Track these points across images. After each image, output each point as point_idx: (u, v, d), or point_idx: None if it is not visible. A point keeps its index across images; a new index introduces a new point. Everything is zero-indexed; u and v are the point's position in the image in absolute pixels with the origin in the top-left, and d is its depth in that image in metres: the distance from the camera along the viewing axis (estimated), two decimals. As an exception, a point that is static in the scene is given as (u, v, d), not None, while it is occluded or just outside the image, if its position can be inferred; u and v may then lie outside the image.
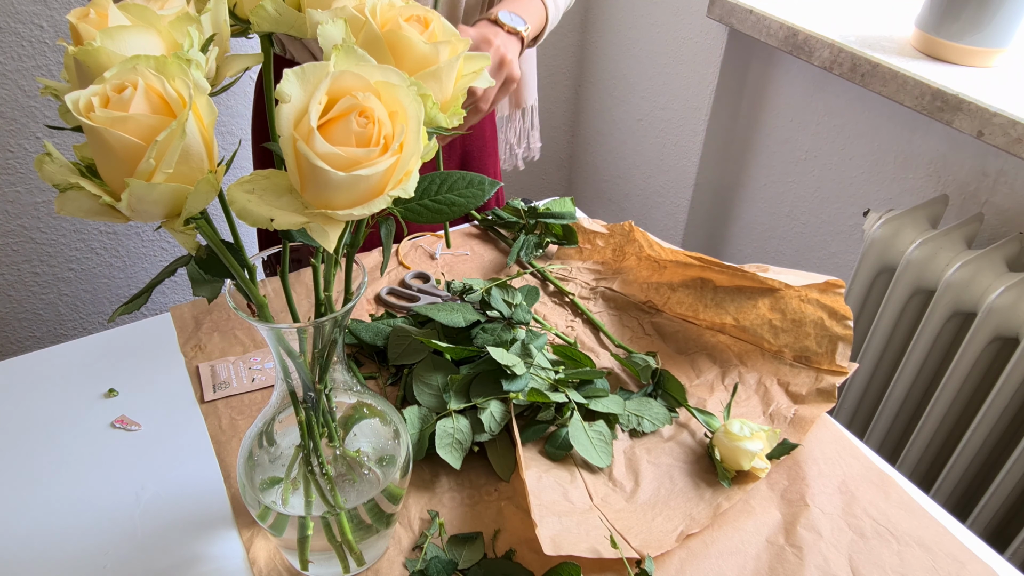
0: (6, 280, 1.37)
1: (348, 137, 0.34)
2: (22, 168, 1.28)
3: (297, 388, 0.46)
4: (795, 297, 0.73)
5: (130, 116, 0.32)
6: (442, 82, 0.40)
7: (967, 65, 1.03)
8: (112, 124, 0.32)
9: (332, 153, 0.33)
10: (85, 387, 0.69)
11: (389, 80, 0.35)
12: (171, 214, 0.35)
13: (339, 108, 0.34)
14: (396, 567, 0.55)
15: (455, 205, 0.45)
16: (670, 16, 1.51)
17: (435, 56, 0.39)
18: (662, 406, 0.68)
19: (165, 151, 0.32)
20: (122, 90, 0.33)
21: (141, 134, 0.32)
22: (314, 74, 0.34)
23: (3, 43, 1.18)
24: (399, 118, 0.35)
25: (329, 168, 0.33)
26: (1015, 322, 0.92)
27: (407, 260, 0.87)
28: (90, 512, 0.59)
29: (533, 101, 1.13)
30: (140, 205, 0.33)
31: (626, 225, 0.83)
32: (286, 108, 0.33)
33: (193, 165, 0.34)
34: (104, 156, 0.33)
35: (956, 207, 1.11)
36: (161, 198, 0.33)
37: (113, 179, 0.34)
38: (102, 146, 0.33)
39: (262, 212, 0.34)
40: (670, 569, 0.55)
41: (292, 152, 0.34)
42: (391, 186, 0.35)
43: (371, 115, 0.34)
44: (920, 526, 0.59)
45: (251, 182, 0.34)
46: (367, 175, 0.33)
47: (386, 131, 0.34)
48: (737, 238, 1.58)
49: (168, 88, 0.33)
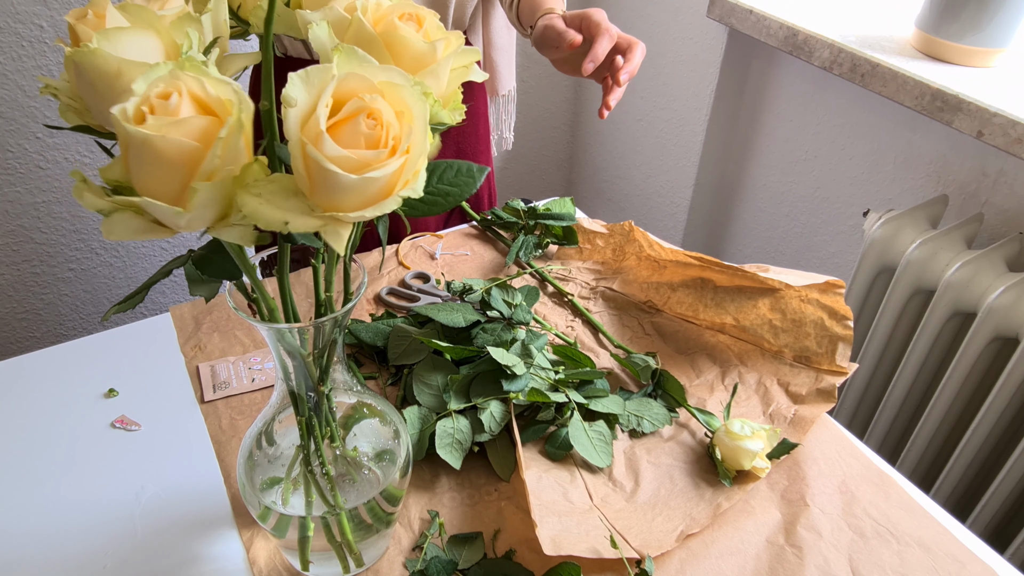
0: (6, 280, 1.37)
1: (357, 139, 0.33)
2: (22, 168, 1.28)
3: (297, 388, 0.46)
4: (795, 297, 0.73)
5: (183, 120, 0.32)
6: (440, 78, 0.40)
7: (967, 65, 1.03)
8: (168, 130, 0.31)
9: (342, 156, 0.33)
10: (85, 387, 0.69)
11: (393, 80, 0.35)
12: (222, 215, 0.34)
13: (347, 110, 0.34)
14: (396, 567, 0.55)
15: (449, 195, 0.45)
16: (670, 16, 1.51)
17: (432, 54, 0.39)
18: (662, 406, 0.68)
19: (229, 146, 0.32)
20: (168, 96, 0.32)
21: (196, 136, 0.32)
22: (319, 77, 0.34)
23: (3, 43, 1.18)
24: (406, 118, 0.35)
25: (340, 171, 0.32)
26: (1015, 322, 0.92)
27: (407, 260, 0.87)
28: (90, 512, 0.59)
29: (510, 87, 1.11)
30: (201, 210, 0.33)
31: (626, 225, 0.83)
32: (292, 112, 0.33)
33: (240, 162, 0.34)
34: (153, 167, 0.32)
35: (956, 207, 1.11)
36: (222, 198, 0.33)
37: (162, 190, 0.33)
38: (152, 156, 0.32)
39: (276, 216, 0.33)
40: (670, 569, 0.55)
41: (301, 155, 0.33)
42: (400, 186, 0.35)
43: (380, 117, 0.34)
44: (920, 526, 0.59)
45: (256, 185, 0.34)
46: (378, 177, 0.33)
47: (395, 132, 0.34)
48: (737, 238, 1.58)
49: (209, 89, 0.33)
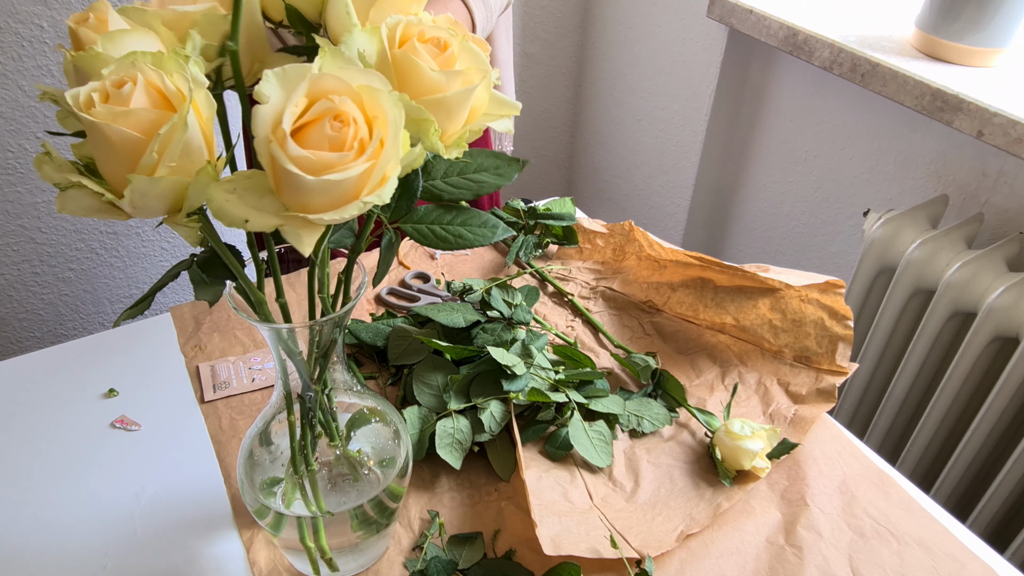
0: (6, 280, 1.37)
1: (322, 141, 0.33)
2: (22, 168, 1.28)
3: (296, 388, 0.46)
4: (795, 297, 0.73)
5: (131, 111, 0.32)
6: (451, 112, 0.38)
7: (967, 65, 1.03)
8: (113, 119, 0.32)
9: (303, 156, 0.32)
10: (85, 387, 0.69)
11: (371, 84, 0.34)
12: (173, 209, 0.34)
13: (314, 111, 0.33)
14: (396, 567, 0.55)
15: (462, 239, 0.45)
16: (670, 16, 1.51)
17: (444, 84, 0.38)
18: (662, 406, 0.68)
19: (168, 144, 0.32)
20: (121, 85, 0.32)
21: (142, 128, 0.32)
22: (295, 76, 0.33)
23: (3, 43, 1.18)
24: (378, 123, 0.34)
25: (299, 172, 0.32)
26: (1015, 322, 0.92)
27: (407, 260, 0.87)
28: (90, 512, 0.59)
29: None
30: (142, 201, 0.33)
31: (626, 225, 0.83)
32: (263, 109, 0.33)
33: (194, 159, 0.34)
34: (105, 153, 0.33)
35: (956, 207, 1.11)
36: (164, 193, 0.33)
37: (114, 176, 0.33)
38: (103, 142, 0.32)
39: (238, 213, 0.33)
40: (670, 569, 0.55)
41: (266, 154, 0.33)
42: (367, 191, 0.34)
43: (345, 119, 0.33)
44: (920, 526, 0.59)
45: (233, 181, 0.34)
46: (337, 180, 0.32)
47: (362, 135, 0.33)
48: (737, 238, 1.58)
49: (167, 83, 0.33)
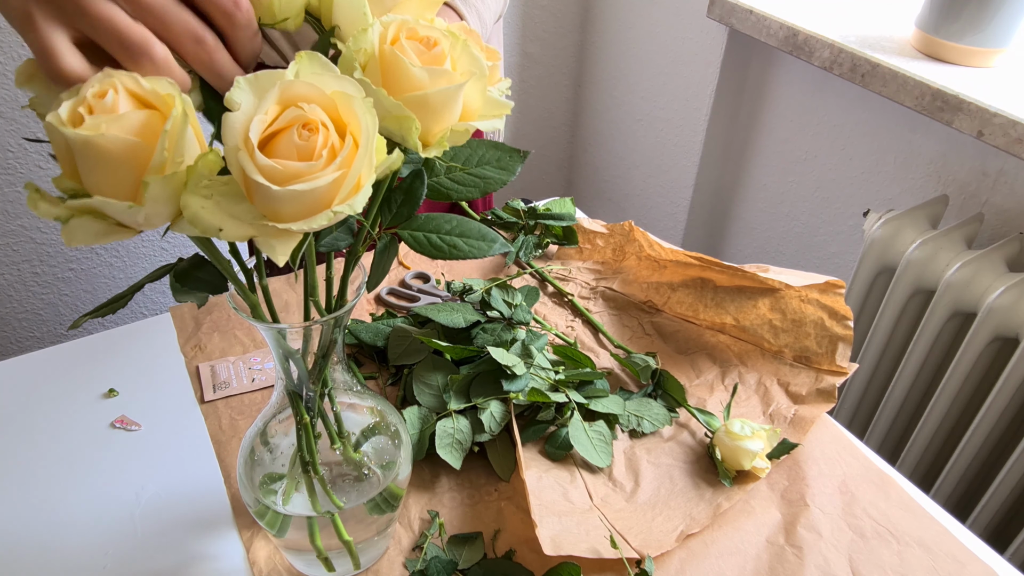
0: (6, 280, 1.37)
1: (291, 150, 0.32)
2: (22, 168, 1.28)
3: (295, 388, 0.46)
4: (795, 297, 0.73)
5: (123, 115, 0.31)
6: (434, 111, 0.37)
7: (967, 65, 1.03)
8: (107, 128, 0.31)
9: (268, 166, 0.31)
10: (85, 387, 0.69)
11: (345, 90, 0.33)
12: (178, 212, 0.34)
13: (284, 120, 0.33)
14: (396, 567, 0.55)
15: (456, 250, 0.43)
16: (670, 16, 1.51)
17: (426, 81, 0.36)
18: (662, 406, 0.68)
19: (175, 139, 0.32)
20: (103, 95, 0.32)
21: (137, 132, 0.32)
22: (266, 82, 0.33)
23: (3, 43, 1.18)
24: (351, 131, 0.33)
25: (264, 181, 0.31)
26: (1015, 322, 0.92)
27: (407, 260, 0.87)
28: (90, 512, 0.59)
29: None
30: (155, 205, 0.32)
31: (626, 225, 0.83)
32: (233, 117, 0.32)
33: (192, 154, 0.33)
34: (101, 168, 0.32)
35: (956, 207, 1.11)
36: (176, 191, 0.33)
37: (114, 190, 0.33)
38: (99, 158, 0.31)
39: (213, 221, 0.32)
40: (670, 569, 0.55)
41: (235, 163, 0.32)
42: (337, 201, 0.33)
43: (314, 127, 0.32)
44: (920, 526, 0.59)
45: (210, 187, 0.33)
46: (303, 190, 0.32)
47: (333, 142, 0.33)
48: (737, 238, 1.58)
49: (143, 84, 0.32)
